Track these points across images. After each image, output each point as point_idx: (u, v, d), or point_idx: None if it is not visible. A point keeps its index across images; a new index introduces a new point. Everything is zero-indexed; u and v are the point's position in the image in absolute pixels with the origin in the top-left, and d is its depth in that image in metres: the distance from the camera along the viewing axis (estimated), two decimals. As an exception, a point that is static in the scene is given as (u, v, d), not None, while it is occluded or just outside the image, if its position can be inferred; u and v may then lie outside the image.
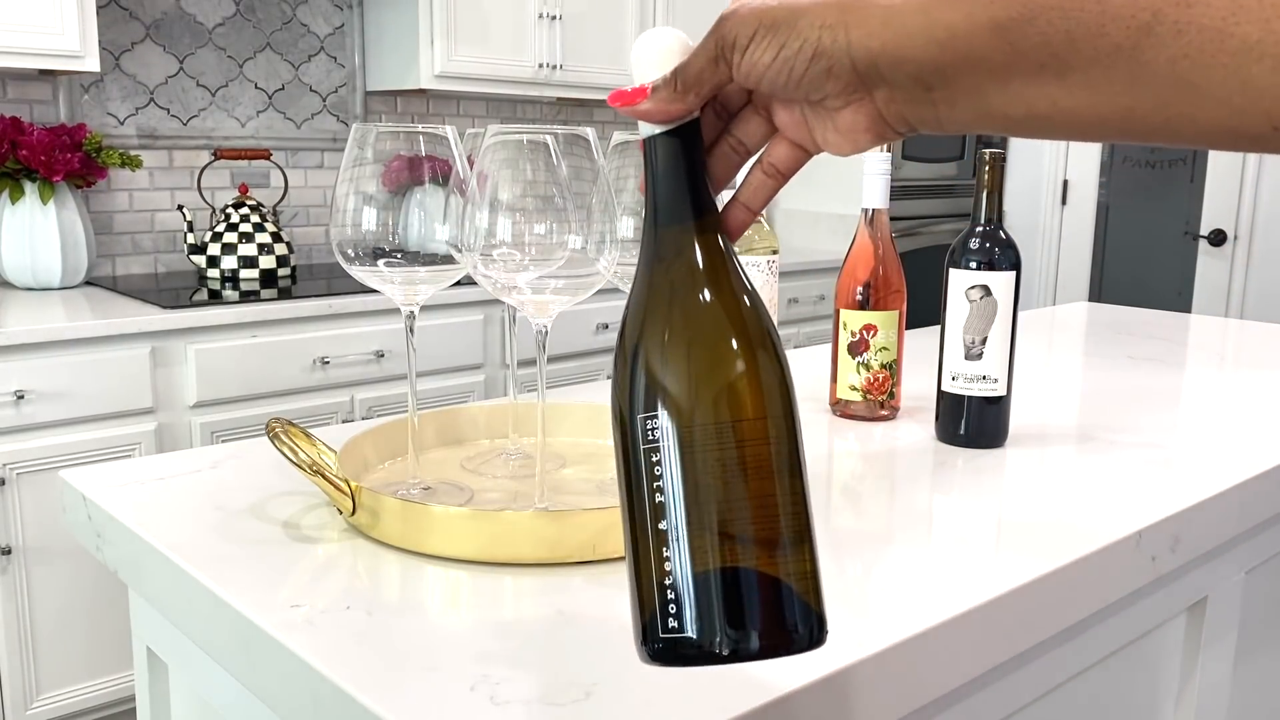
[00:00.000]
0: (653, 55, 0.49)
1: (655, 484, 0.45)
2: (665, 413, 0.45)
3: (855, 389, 1.15)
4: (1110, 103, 0.40)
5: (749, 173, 0.52)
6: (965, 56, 0.42)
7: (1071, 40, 0.39)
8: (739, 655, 0.44)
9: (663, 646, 0.44)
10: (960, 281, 1.03)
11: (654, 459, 0.45)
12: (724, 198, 0.52)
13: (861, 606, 0.68)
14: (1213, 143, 0.40)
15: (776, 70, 0.45)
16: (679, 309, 0.46)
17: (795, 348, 1.97)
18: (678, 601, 0.44)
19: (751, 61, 0.46)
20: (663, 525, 0.44)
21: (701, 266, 0.47)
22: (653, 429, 0.45)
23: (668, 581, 0.44)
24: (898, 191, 3.59)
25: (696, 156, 0.49)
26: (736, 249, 0.49)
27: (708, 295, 0.46)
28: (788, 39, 0.45)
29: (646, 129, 0.49)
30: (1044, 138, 0.44)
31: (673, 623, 0.44)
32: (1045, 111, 0.42)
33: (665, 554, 0.44)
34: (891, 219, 1.68)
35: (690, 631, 0.44)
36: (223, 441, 2.04)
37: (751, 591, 0.44)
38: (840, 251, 3.33)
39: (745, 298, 0.47)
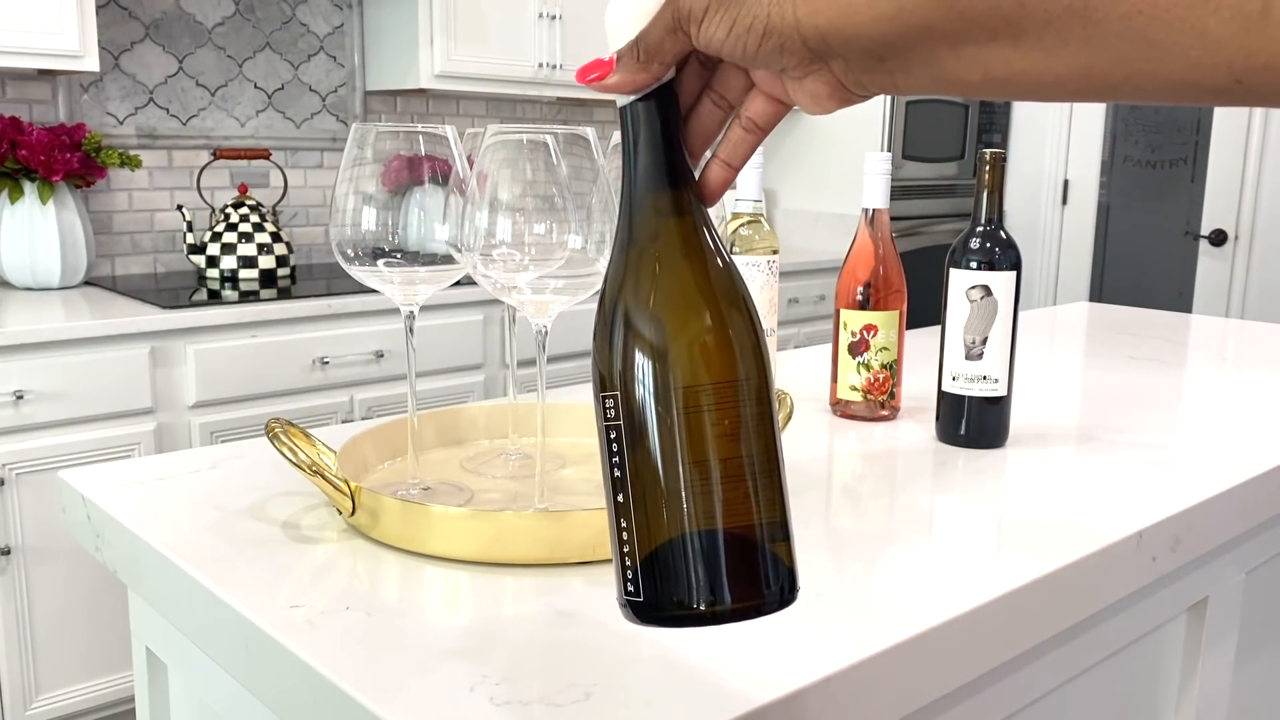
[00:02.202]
0: (626, 19, 0.48)
1: (613, 459, 0.47)
2: (618, 391, 0.46)
3: (855, 389, 1.15)
4: (1067, 63, 0.40)
5: (728, 129, 0.51)
6: (915, 28, 0.41)
7: (1021, 4, 0.39)
8: (690, 620, 0.46)
9: (631, 610, 0.47)
10: (960, 281, 1.03)
11: (611, 436, 0.47)
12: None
13: (861, 606, 0.67)
14: (1177, 97, 0.39)
15: (732, 45, 0.45)
16: (631, 284, 0.47)
17: (795, 348, 1.97)
18: (634, 568, 0.46)
19: (708, 36, 0.45)
20: (619, 499, 0.47)
21: (662, 240, 0.47)
22: (610, 407, 0.47)
23: (625, 550, 0.47)
24: (898, 191, 3.59)
25: (671, 122, 0.49)
26: (736, 249, 0.49)
27: (659, 269, 0.47)
28: (739, 15, 0.44)
29: (621, 97, 0.49)
30: (1005, 99, 0.43)
31: (630, 588, 0.47)
32: (1002, 75, 0.41)
33: (622, 524, 0.47)
34: (892, 219, 1.68)
35: (641, 597, 0.47)
36: (222, 442, 2.04)
37: (703, 556, 0.45)
38: (840, 251, 3.33)
39: (698, 265, 0.47)
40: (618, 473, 0.47)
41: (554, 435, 1.02)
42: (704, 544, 0.45)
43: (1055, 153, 3.90)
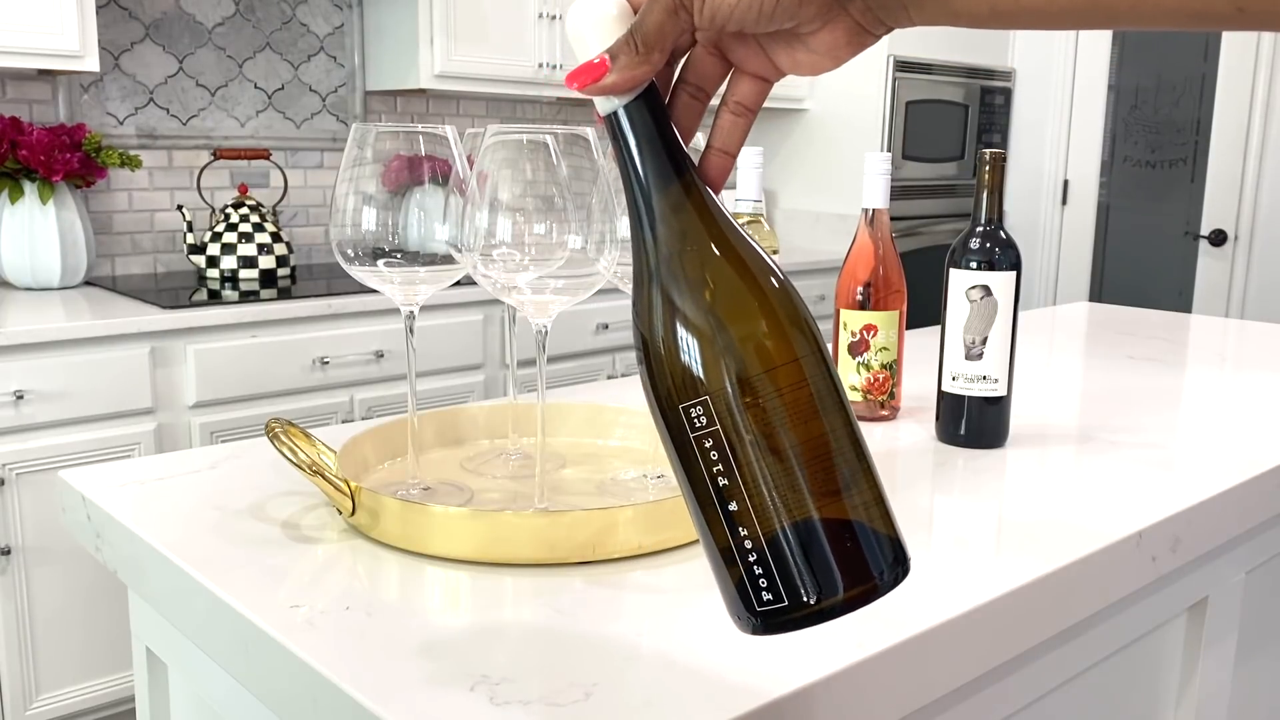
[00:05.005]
0: (595, 25, 0.46)
1: (715, 469, 0.45)
2: (705, 396, 0.44)
3: (855, 389, 1.15)
4: None
5: (717, 118, 0.50)
6: None
7: None
8: (836, 610, 0.44)
9: (762, 622, 0.45)
10: (960, 281, 1.03)
11: (708, 445, 0.44)
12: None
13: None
14: (1181, 24, 0.40)
15: (745, 8, 0.44)
16: (689, 292, 0.45)
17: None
18: (767, 575, 0.44)
19: (715, 5, 0.44)
20: (733, 506, 0.44)
21: (697, 238, 0.46)
22: (698, 415, 0.45)
23: (752, 559, 0.44)
24: (898, 191, 3.58)
25: (663, 117, 0.47)
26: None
27: (714, 269, 0.45)
28: None
29: (605, 104, 0.47)
30: (1015, 29, 0.44)
31: (766, 595, 0.45)
32: (1009, 9, 0.42)
33: (742, 532, 0.44)
34: (892, 219, 1.68)
35: (785, 600, 0.44)
36: (222, 442, 2.04)
37: (834, 542, 0.44)
38: (840, 251, 3.33)
39: (748, 252, 0.46)
40: (724, 480, 0.44)
41: (554, 435, 1.02)
42: (837, 523, 0.44)
43: (1055, 153, 3.90)
